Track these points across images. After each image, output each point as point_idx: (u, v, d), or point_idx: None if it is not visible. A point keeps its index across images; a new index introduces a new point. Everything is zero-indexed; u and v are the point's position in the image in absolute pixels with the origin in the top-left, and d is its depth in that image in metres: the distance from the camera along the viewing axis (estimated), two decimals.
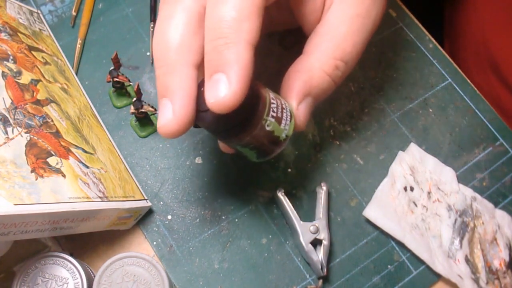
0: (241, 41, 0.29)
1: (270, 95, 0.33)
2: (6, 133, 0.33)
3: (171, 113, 0.30)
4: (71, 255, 0.35)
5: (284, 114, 0.33)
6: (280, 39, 0.48)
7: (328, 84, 0.35)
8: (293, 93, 0.34)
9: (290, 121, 0.34)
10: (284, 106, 0.33)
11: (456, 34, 0.63)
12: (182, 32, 0.31)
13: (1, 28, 0.41)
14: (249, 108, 0.31)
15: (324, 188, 0.42)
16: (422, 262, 0.41)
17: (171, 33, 0.31)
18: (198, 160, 0.44)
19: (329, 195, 0.43)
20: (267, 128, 0.32)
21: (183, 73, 0.30)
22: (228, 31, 0.29)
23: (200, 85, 0.31)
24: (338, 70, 0.35)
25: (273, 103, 0.32)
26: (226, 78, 0.28)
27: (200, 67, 0.31)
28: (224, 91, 0.28)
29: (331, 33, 0.35)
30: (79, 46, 0.46)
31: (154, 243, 0.41)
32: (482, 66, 0.58)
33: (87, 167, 0.37)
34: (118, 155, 0.42)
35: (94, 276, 0.36)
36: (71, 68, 0.45)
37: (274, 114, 0.32)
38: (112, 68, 0.42)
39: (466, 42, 0.61)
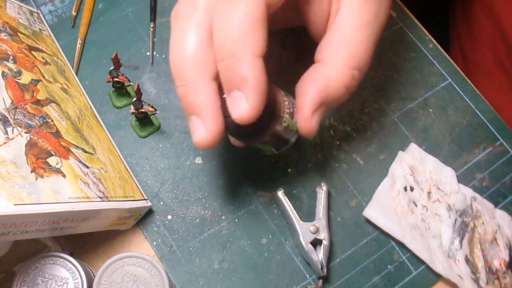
0: (249, 57, 0.30)
1: (281, 93, 0.35)
2: (6, 133, 0.33)
3: (204, 129, 0.32)
4: (71, 255, 0.35)
5: (294, 108, 0.36)
6: (280, 39, 0.48)
7: (343, 94, 0.36)
8: (308, 102, 0.35)
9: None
10: (292, 101, 0.36)
11: (468, 29, 0.62)
12: (196, 47, 0.32)
13: (1, 28, 0.41)
14: (269, 111, 0.33)
15: (324, 188, 0.42)
16: (422, 262, 0.41)
17: (186, 49, 0.32)
18: (198, 160, 0.44)
19: (329, 195, 0.43)
20: (284, 124, 0.35)
21: (205, 89, 0.32)
22: (235, 49, 0.30)
23: (221, 91, 0.33)
24: (354, 80, 0.36)
25: (285, 101, 0.35)
26: (243, 95, 0.30)
27: (217, 77, 0.33)
28: (244, 107, 0.30)
29: (345, 41, 0.35)
30: (79, 46, 0.46)
31: (154, 243, 0.41)
32: (499, 60, 0.57)
33: (87, 167, 0.37)
34: (118, 155, 0.42)
35: (94, 276, 0.36)
36: (71, 68, 0.45)
37: (288, 111, 0.35)
38: (112, 68, 0.42)
39: (481, 37, 0.59)
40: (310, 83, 0.35)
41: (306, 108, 0.35)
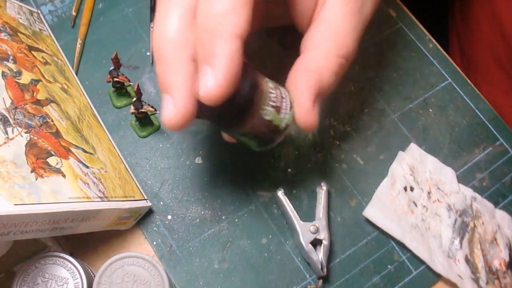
0: (227, 34, 0.29)
1: (269, 84, 0.33)
2: (6, 133, 0.33)
3: (173, 107, 0.31)
4: (71, 255, 0.35)
5: (284, 103, 0.34)
6: (280, 38, 0.48)
7: (334, 82, 0.36)
8: (306, 93, 0.35)
9: (290, 110, 0.34)
10: (283, 96, 0.34)
11: (467, 28, 0.62)
12: (177, 27, 0.32)
13: (1, 28, 0.41)
14: (246, 98, 0.32)
15: (324, 188, 0.42)
16: (422, 262, 0.41)
17: (167, 29, 0.32)
18: (198, 160, 0.44)
19: (329, 195, 0.43)
20: (266, 118, 0.33)
21: (181, 68, 0.31)
22: (215, 25, 0.30)
23: None
24: (342, 68, 0.36)
25: (271, 93, 0.33)
26: (211, 70, 0.29)
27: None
28: (210, 83, 0.29)
29: (333, 30, 0.35)
30: (79, 46, 0.46)
31: (154, 243, 0.41)
32: (499, 59, 0.57)
33: (87, 167, 0.37)
34: (118, 155, 0.42)
35: (94, 276, 0.36)
36: (71, 68, 0.45)
37: (273, 104, 0.33)
38: (112, 68, 0.42)
39: (480, 36, 0.60)
40: (302, 74, 0.35)
41: (305, 100, 0.34)
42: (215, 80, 0.29)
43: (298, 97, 0.35)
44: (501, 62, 0.57)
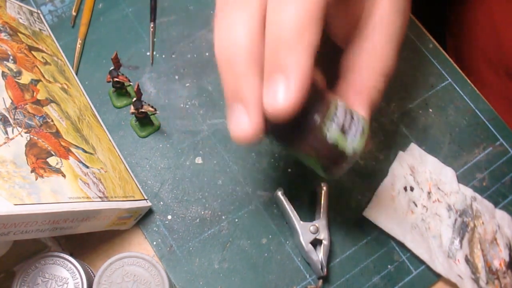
0: (302, 49, 0.28)
1: (338, 103, 0.32)
2: (6, 133, 0.33)
3: (247, 119, 0.29)
4: (71, 255, 0.35)
5: (353, 127, 0.32)
6: None
7: (380, 99, 0.37)
8: (365, 114, 0.35)
9: (361, 135, 0.32)
10: (354, 119, 0.32)
11: (461, 29, 0.62)
12: (249, 38, 0.30)
13: (1, 28, 0.41)
14: (310, 114, 0.30)
15: (324, 188, 0.42)
16: (422, 262, 0.41)
17: (238, 39, 0.30)
18: (198, 160, 0.44)
19: (329, 195, 0.43)
20: (328, 136, 0.31)
21: (256, 81, 0.30)
22: (290, 37, 0.28)
23: None
24: (384, 85, 0.37)
25: (339, 112, 0.31)
26: (285, 80, 0.28)
27: None
28: (282, 95, 0.28)
29: (379, 51, 0.36)
30: (79, 46, 0.46)
31: (154, 243, 0.41)
32: (490, 61, 0.57)
33: (87, 167, 0.37)
34: (118, 155, 0.42)
35: (94, 276, 0.36)
36: (71, 68, 0.45)
37: (338, 121, 0.31)
38: (112, 68, 0.42)
39: (473, 37, 0.60)
40: (355, 99, 0.35)
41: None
42: (287, 92, 0.28)
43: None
44: (493, 64, 0.57)
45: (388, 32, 0.36)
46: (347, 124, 0.31)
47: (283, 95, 0.28)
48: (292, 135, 0.31)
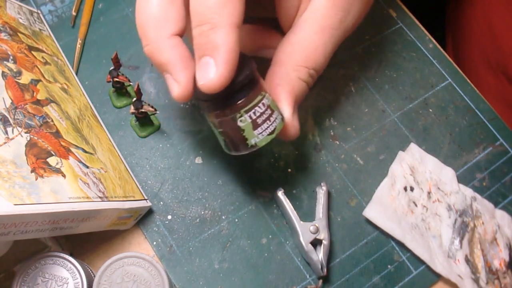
0: (225, 25, 0.30)
1: (264, 100, 0.34)
2: (6, 133, 0.33)
3: (177, 85, 0.33)
4: (71, 255, 0.35)
5: (265, 124, 0.34)
6: None
7: (305, 89, 0.38)
8: (285, 106, 0.36)
9: (268, 135, 0.34)
10: (271, 119, 0.34)
11: (460, 29, 0.63)
12: (157, 6, 0.34)
13: (1, 28, 0.41)
14: (235, 95, 0.33)
15: (324, 188, 0.42)
16: (422, 262, 0.41)
17: (148, 8, 0.34)
18: (198, 160, 0.44)
19: (329, 195, 0.43)
20: (239, 124, 0.34)
21: (168, 45, 0.33)
22: (212, 16, 0.30)
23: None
24: (311, 77, 0.38)
25: (259, 107, 0.34)
26: (213, 61, 0.31)
27: (180, 33, 0.34)
28: (212, 74, 0.31)
29: (304, 44, 0.37)
30: (79, 46, 0.46)
31: (154, 243, 0.41)
32: (488, 61, 0.58)
33: (87, 167, 0.37)
34: (118, 155, 0.42)
35: (94, 276, 0.36)
36: (71, 68, 0.45)
37: (253, 116, 0.34)
38: (112, 68, 0.42)
39: (472, 38, 0.60)
40: (277, 88, 0.36)
41: (285, 113, 0.36)
42: (216, 71, 0.31)
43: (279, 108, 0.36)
44: (490, 65, 0.57)
45: (319, 26, 0.36)
46: (261, 119, 0.34)
47: (213, 74, 0.31)
48: (213, 103, 0.34)
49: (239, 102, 0.33)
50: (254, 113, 0.34)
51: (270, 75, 0.37)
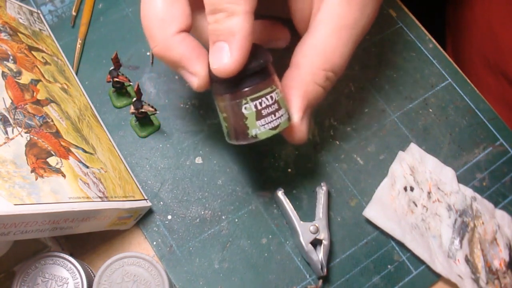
0: (241, 12, 0.31)
1: (273, 94, 0.34)
2: (6, 133, 0.33)
3: (195, 78, 0.34)
4: (71, 255, 0.35)
5: (269, 118, 0.34)
6: None
7: (321, 94, 0.37)
8: (295, 109, 0.36)
9: (270, 129, 0.34)
10: (277, 114, 0.34)
11: (460, 30, 0.63)
12: (160, 6, 0.34)
13: (1, 28, 0.41)
14: (245, 82, 0.33)
15: (324, 188, 0.42)
16: (422, 262, 0.41)
17: (151, 9, 0.34)
18: (198, 160, 0.44)
19: (329, 195, 0.43)
20: (243, 111, 0.33)
21: (175, 41, 0.34)
22: (228, 4, 0.31)
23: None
24: (329, 80, 0.37)
25: (267, 99, 0.34)
26: (228, 47, 0.31)
27: (185, 29, 0.35)
28: (226, 59, 0.31)
29: (320, 45, 0.36)
30: (79, 46, 0.46)
31: (154, 243, 0.41)
32: (488, 62, 0.58)
33: (87, 167, 0.37)
34: (118, 155, 0.42)
35: (94, 276, 0.36)
36: (71, 68, 0.45)
37: (259, 106, 0.33)
38: (112, 68, 0.42)
39: (471, 38, 0.60)
40: (290, 91, 0.36)
41: (293, 116, 0.36)
42: (231, 56, 0.31)
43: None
44: (490, 65, 0.57)
45: (335, 26, 0.36)
46: (267, 111, 0.34)
47: (228, 59, 0.31)
48: (222, 85, 0.34)
49: (247, 88, 0.33)
50: (260, 103, 0.33)
51: (286, 77, 0.37)
